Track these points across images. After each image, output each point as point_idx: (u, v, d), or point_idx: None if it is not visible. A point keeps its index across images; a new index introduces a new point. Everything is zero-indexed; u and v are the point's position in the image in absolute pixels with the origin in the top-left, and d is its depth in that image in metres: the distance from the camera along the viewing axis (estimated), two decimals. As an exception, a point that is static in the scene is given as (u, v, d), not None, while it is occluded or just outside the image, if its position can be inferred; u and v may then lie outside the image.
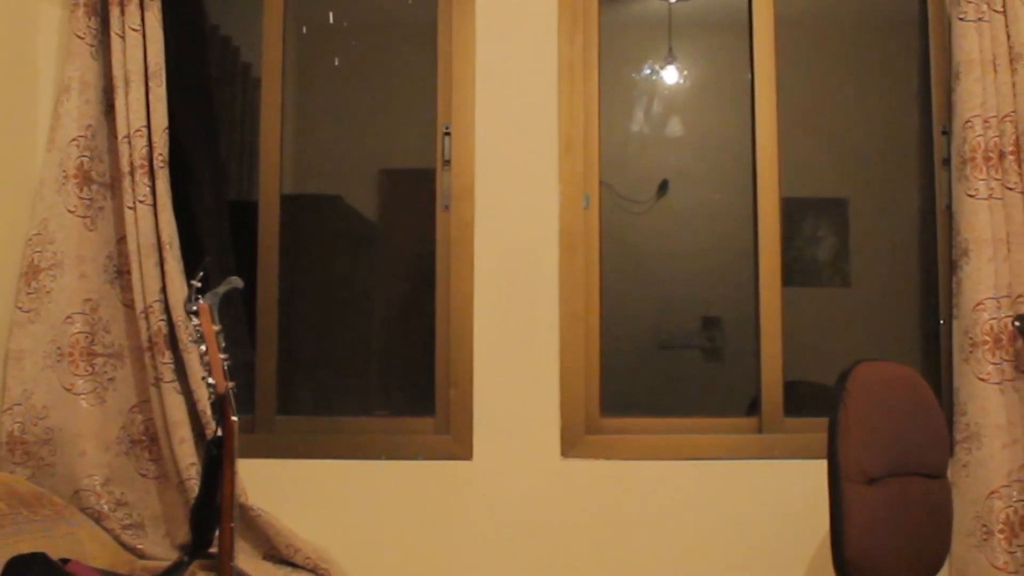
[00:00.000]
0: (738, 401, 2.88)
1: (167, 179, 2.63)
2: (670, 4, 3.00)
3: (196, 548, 1.90)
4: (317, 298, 2.95)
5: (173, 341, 2.60)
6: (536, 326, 2.75)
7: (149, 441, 2.65)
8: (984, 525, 2.51)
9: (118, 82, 2.62)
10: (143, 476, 2.65)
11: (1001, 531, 2.49)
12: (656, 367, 2.92)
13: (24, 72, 2.70)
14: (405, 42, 2.98)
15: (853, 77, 2.98)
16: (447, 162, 2.82)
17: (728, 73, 2.95)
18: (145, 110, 2.61)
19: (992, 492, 2.51)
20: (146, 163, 2.60)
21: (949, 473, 2.45)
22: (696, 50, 2.99)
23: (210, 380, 1.80)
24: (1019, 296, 2.57)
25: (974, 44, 2.59)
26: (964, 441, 2.57)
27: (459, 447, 2.74)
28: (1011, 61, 2.60)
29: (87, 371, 2.60)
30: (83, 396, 2.59)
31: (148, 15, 2.63)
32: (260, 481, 2.69)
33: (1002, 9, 2.61)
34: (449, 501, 2.71)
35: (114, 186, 2.71)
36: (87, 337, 2.61)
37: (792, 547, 2.68)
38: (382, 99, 2.97)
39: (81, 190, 2.63)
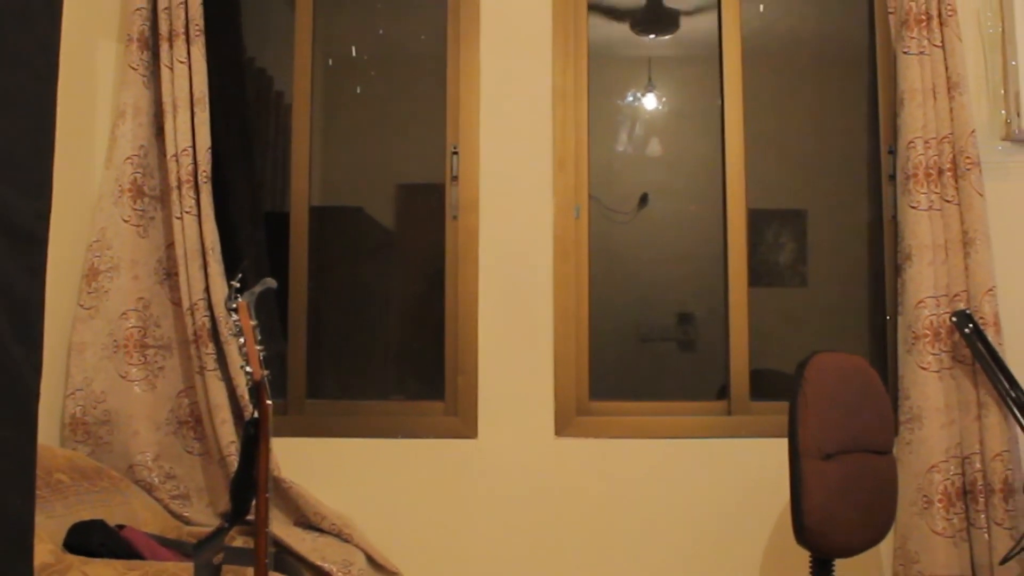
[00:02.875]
0: (709, 387, 2.88)
1: (210, 193, 2.63)
2: (649, 40, 3.01)
3: (235, 516, 1.89)
4: (341, 297, 2.96)
5: (215, 334, 2.60)
6: (533, 321, 2.75)
7: (194, 422, 2.66)
8: (925, 496, 2.52)
9: (167, 108, 2.62)
10: (189, 453, 2.66)
11: (940, 501, 2.50)
12: (638, 357, 2.92)
13: (85, 99, 2.70)
14: (418, 73, 2.98)
15: (811, 103, 2.98)
16: (455, 178, 2.82)
17: (701, 100, 2.96)
18: (191, 132, 2.62)
19: (932, 467, 2.51)
20: (191, 179, 2.61)
21: (894, 450, 2.46)
22: (673, 80, 3.00)
23: (248, 369, 1.80)
24: (955, 295, 2.58)
25: (916, 75, 2.60)
26: (907, 422, 2.57)
27: (465, 427, 2.74)
28: (948, 89, 2.61)
29: (140, 361, 2.60)
30: (136, 383, 2.59)
31: (193, 49, 2.63)
32: (292, 457, 2.69)
33: (941, 44, 2.61)
34: (456, 475, 2.72)
35: (163, 199, 2.71)
36: (140, 331, 2.61)
37: (757, 515, 2.69)
38: (398, 123, 2.98)
39: (135, 202, 2.64)
